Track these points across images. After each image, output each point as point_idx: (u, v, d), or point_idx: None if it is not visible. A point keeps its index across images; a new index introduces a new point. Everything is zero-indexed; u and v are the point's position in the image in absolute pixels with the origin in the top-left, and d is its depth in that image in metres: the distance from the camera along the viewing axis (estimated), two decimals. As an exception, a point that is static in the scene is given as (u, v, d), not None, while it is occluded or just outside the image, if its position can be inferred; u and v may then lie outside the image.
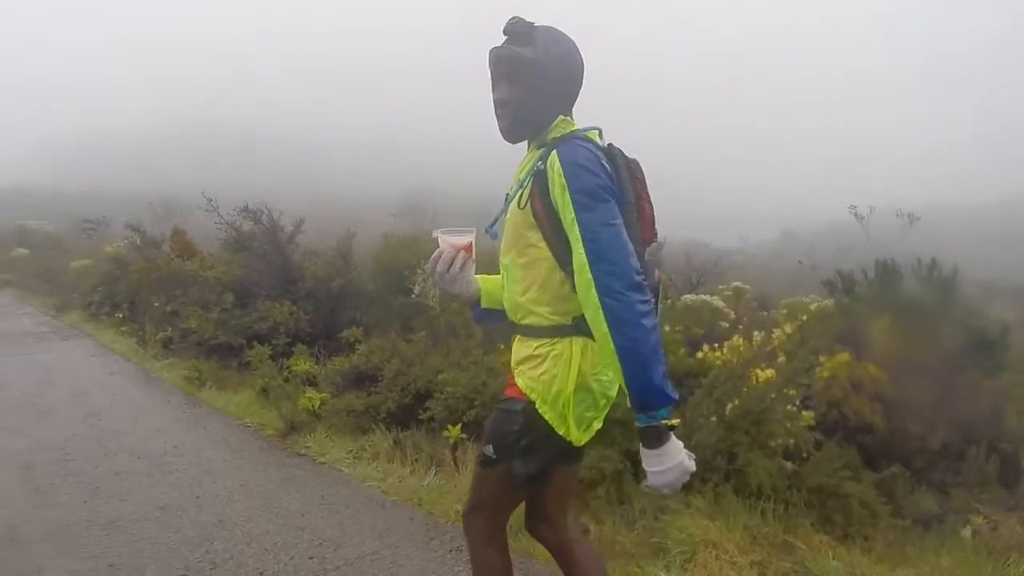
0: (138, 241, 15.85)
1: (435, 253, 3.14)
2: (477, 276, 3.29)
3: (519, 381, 3.03)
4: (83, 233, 23.94)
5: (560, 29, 3.02)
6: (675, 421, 2.70)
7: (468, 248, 3.13)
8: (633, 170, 2.98)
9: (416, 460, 7.07)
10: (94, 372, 11.23)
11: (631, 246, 2.74)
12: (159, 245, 15.55)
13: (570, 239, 2.79)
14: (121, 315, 14.40)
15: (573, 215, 2.74)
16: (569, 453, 3.11)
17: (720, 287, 12.27)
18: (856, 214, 33.28)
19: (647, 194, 3.04)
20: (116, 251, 17.27)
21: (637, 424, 2.70)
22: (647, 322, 2.65)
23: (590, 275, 2.69)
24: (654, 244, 3.09)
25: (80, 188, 59.31)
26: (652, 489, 2.75)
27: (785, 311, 9.97)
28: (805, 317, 9.06)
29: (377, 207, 39.18)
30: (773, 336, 8.06)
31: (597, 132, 3.03)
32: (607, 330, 2.66)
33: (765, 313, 10.65)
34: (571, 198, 2.75)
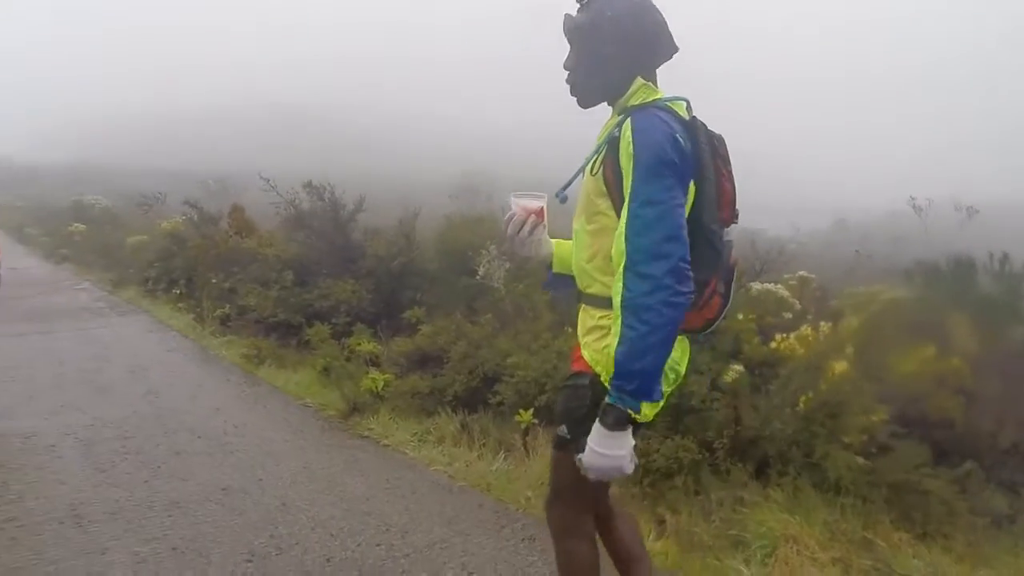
0: (195, 217, 15.73)
1: (507, 215, 3.13)
2: (553, 240, 3.27)
3: (585, 353, 2.94)
4: (139, 209, 23.85)
5: None
6: (639, 418, 2.66)
7: (540, 213, 3.11)
8: (716, 146, 2.89)
9: (484, 445, 6.87)
10: (151, 348, 11.12)
11: (681, 230, 2.64)
12: (216, 222, 15.44)
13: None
14: (178, 291, 14.28)
15: (631, 183, 2.66)
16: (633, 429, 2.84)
17: (785, 276, 11.94)
18: (915, 206, 32.50)
19: (729, 172, 2.94)
20: (173, 227, 17.17)
21: (607, 398, 2.64)
22: (668, 312, 2.57)
23: (623, 246, 2.65)
24: (734, 224, 3.00)
25: (135, 166, 59.50)
26: (583, 465, 2.70)
27: (851, 301, 9.67)
28: (874, 307, 8.76)
29: (432, 189, 39.00)
30: (840, 326, 7.82)
31: (684, 104, 2.89)
32: (620, 303, 2.63)
33: (830, 303, 10.36)
34: (633, 167, 2.66)
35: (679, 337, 2.81)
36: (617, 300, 2.63)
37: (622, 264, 2.64)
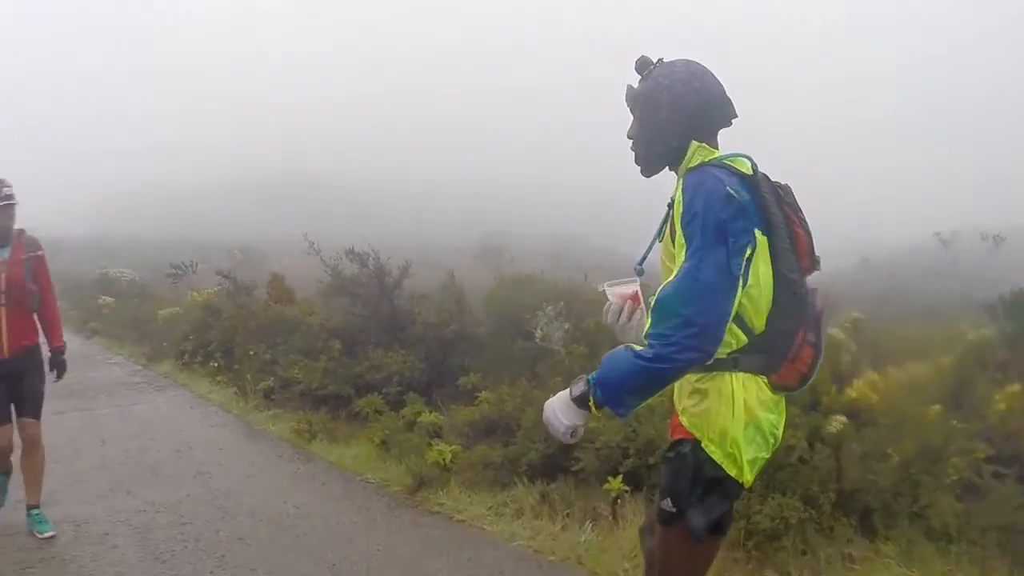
0: (229, 287, 15.47)
1: (605, 306, 3.15)
2: None
3: (683, 420, 2.93)
4: (168, 279, 23.69)
5: (689, 60, 3.03)
6: (596, 414, 2.85)
7: (635, 297, 3.13)
8: (782, 197, 2.94)
9: (568, 515, 6.47)
10: (195, 425, 10.77)
11: (721, 302, 2.69)
12: (251, 291, 15.17)
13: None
14: (216, 364, 13.94)
15: (685, 242, 2.73)
16: (740, 492, 3.01)
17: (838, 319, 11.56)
18: (941, 239, 32.13)
19: (800, 219, 2.97)
20: (207, 298, 16.94)
21: (589, 380, 2.82)
22: (676, 366, 2.66)
23: (668, 297, 2.72)
24: (815, 272, 3.03)
25: (156, 237, 59.60)
26: (544, 417, 2.98)
27: (911, 342, 9.32)
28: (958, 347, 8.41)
29: (453, 250, 38.83)
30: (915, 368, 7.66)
31: (745, 160, 2.94)
32: (652, 324, 2.73)
33: (884, 345, 9.97)
34: (689, 223, 2.73)
35: (776, 399, 2.94)
36: (641, 338, 2.79)
37: (655, 312, 2.74)
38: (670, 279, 2.75)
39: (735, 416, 2.81)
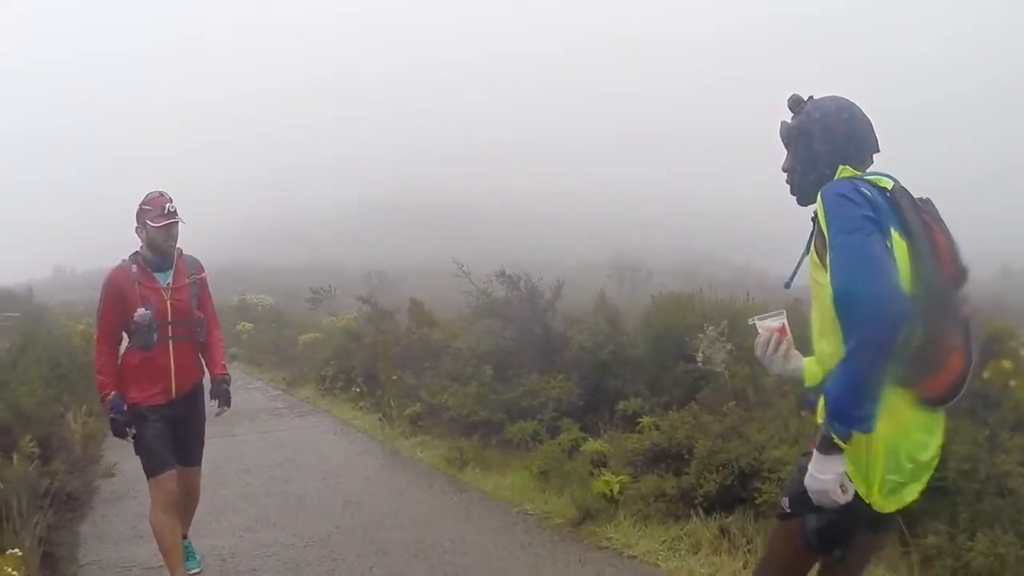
0: (370, 312, 15.26)
1: (757, 339, 3.25)
2: (805, 357, 3.22)
3: None
4: (306, 303, 23.83)
5: (837, 95, 3.15)
6: (843, 444, 2.64)
7: (782, 330, 3.23)
8: (921, 206, 2.93)
9: (749, 551, 5.92)
10: (339, 452, 10.45)
11: (887, 268, 2.65)
12: (392, 316, 14.92)
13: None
14: (358, 389, 13.72)
15: (829, 236, 2.77)
16: (874, 520, 2.84)
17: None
18: None
19: (942, 228, 2.92)
20: (347, 323, 16.82)
21: (822, 424, 2.70)
22: (882, 329, 2.57)
23: (839, 289, 2.70)
24: (963, 282, 2.93)
25: (291, 262, 60.66)
26: (808, 489, 2.74)
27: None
28: None
29: (587, 267, 38.40)
30: None
31: (888, 179, 2.98)
32: (846, 339, 2.67)
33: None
34: (829, 224, 2.78)
35: (922, 420, 2.83)
36: (844, 338, 2.71)
37: (840, 306, 2.71)
38: (833, 271, 2.76)
39: (871, 434, 2.69)
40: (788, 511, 2.94)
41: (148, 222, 5.40)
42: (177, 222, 5.47)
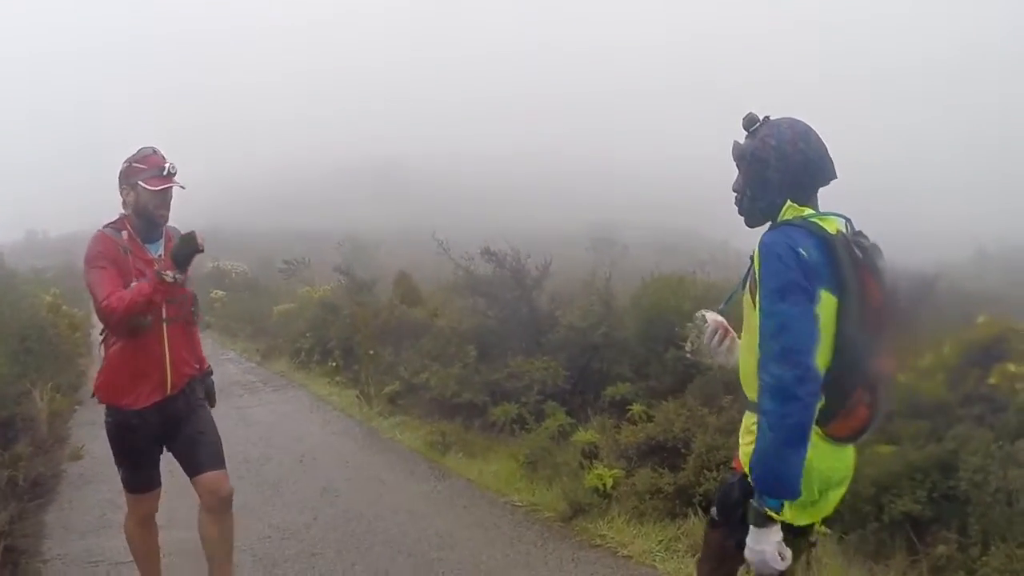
0: (347, 283, 14.95)
1: (708, 329, 3.46)
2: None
3: (740, 452, 3.16)
4: (280, 274, 23.51)
5: (795, 119, 3.13)
6: (779, 518, 2.81)
7: (727, 325, 3.47)
8: (860, 258, 2.97)
9: (752, 557, 5.61)
10: (316, 431, 10.15)
11: (799, 339, 2.78)
12: (371, 288, 14.60)
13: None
14: (334, 363, 13.43)
15: (759, 297, 2.88)
16: (792, 530, 2.98)
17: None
18: None
19: (876, 282, 3.00)
20: (323, 294, 16.50)
21: (756, 491, 2.84)
22: (788, 414, 2.73)
23: (762, 355, 2.84)
24: (894, 330, 3.14)
25: (267, 227, 60.23)
26: (748, 561, 2.88)
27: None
28: None
29: (563, 241, 38.07)
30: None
31: (838, 220, 3.07)
32: (759, 403, 2.84)
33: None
34: (762, 279, 2.88)
35: (830, 447, 2.98)
36: (757, 401, 2.89)
37: (759, 370, 2.86)
38: (754, 337, 2.93)
39: None
40: (716, 519, 3.27)
41: (140, 183, 4.37)
42: (172, 186, 4.50)
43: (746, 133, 3.18)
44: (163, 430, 4.66)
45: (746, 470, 3.00)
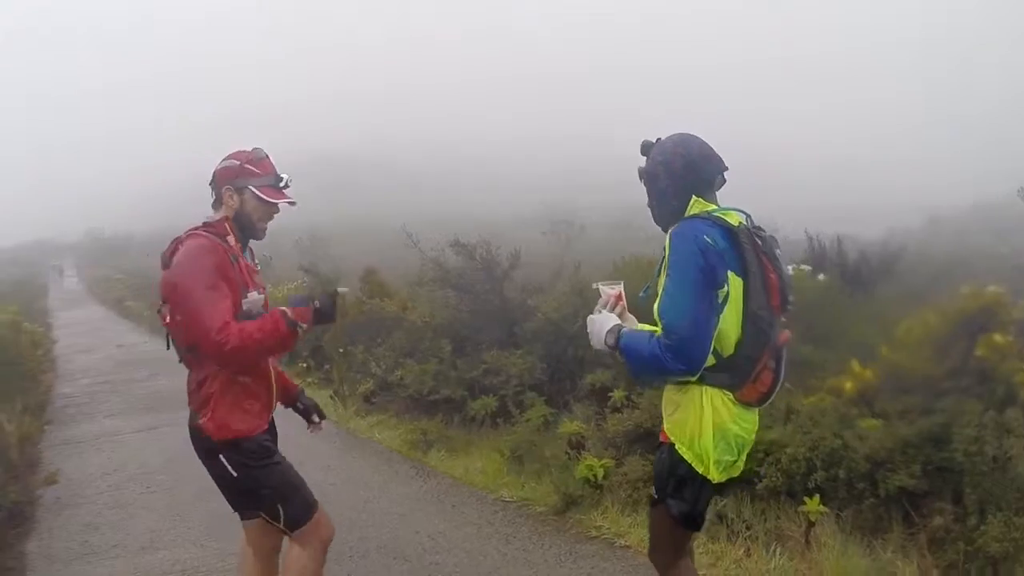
0: (311, 282, 14.82)
1: (600, 300, 3.79)
2: (639, 324, 3.75)
3: (665, 426, 3.58)
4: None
5: (680, 133, 3.61)
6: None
7: (619, 296, 3.77)
8: (760, 245, 3.44)
9: (749, 537, 5.69)
10: (292, 435, 9.73)
11: (701, 320, 3.25)
12: (336, 284, 14.46)
13: None
14: (304, 364, 13.26)
15: (668, 279, 3.34)
16: (718, 488, 3.60)
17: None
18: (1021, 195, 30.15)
19: (775, 267, 3.48)
20: (291, 293, 16.31)
21: (619, 336, 3.50)
22: (669, 370, 3.29)
23: (664, 324, 3.30)
24: (786, 311, 3.59)
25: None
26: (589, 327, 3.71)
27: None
28: None
29: (519, 223, 37.81)
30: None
31: (738, 214, 3.54)
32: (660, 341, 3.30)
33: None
34: (670, 264, 3.34)
35: (742, 412, 3.46)
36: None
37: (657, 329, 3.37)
38: (662, 302, 3.36)
39: (703, 424, 3.39)
40: (656, 499, 3.63)
41: (252, 189, 3.87)
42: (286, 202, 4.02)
43: (646, 158, 3.65)
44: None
45: (672, 439, 3.50)
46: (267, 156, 3.97)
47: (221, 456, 3.80)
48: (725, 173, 3.62)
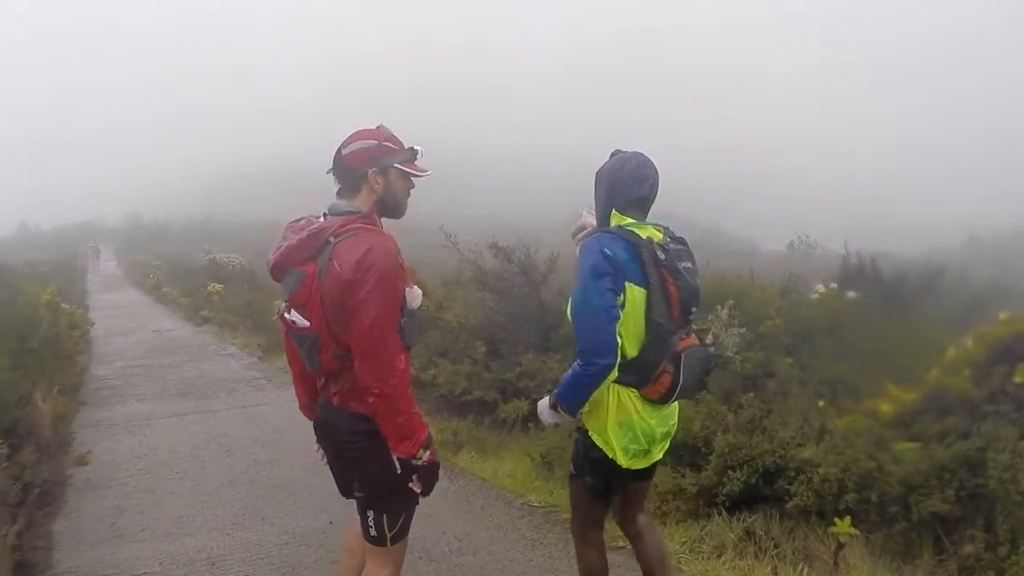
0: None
1: (577, 223, 4.23)
2: None
3: (582, 415, 3.88)
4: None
5: (634, 151, 3.96)
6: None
7: (590, 224, 4.11)
8: (662, 260, 3.71)
9: (777, 555, 5.61)
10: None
11: (599, 318, 3.57)
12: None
13: None
14: (337, 359, 13.22)
15: (576, 285, 3.70)
16: (633, 474, 3.95)
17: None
18: None
19: (675, 279, 3.74)
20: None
21: (555, 393, 3.89)
22: (588, 379, 3.65)
23: (575, 326, 3.71)
24: (688, 322, 3.93)
25: (261, 218, 59.95)
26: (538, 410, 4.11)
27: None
28: None
29: (550, 230, 37.60)
30: None
31: (651, 228, 3.87)
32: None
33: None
34: (578, 270, 3.70)
35: (649, 408, 3.83)
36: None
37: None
38: (571, 306, 3.76)
39: (608, 414, 3.78)
40: (574, 473, 4.08)
41: (399, 167, 3.59)
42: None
43: None
44: None
45: (585, 425, 3.89)
46: (392, 132, 3.65)
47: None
48: (655, 195, 3.96)
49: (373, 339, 3.31)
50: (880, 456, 5.77)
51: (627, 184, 3.86)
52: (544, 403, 3.99)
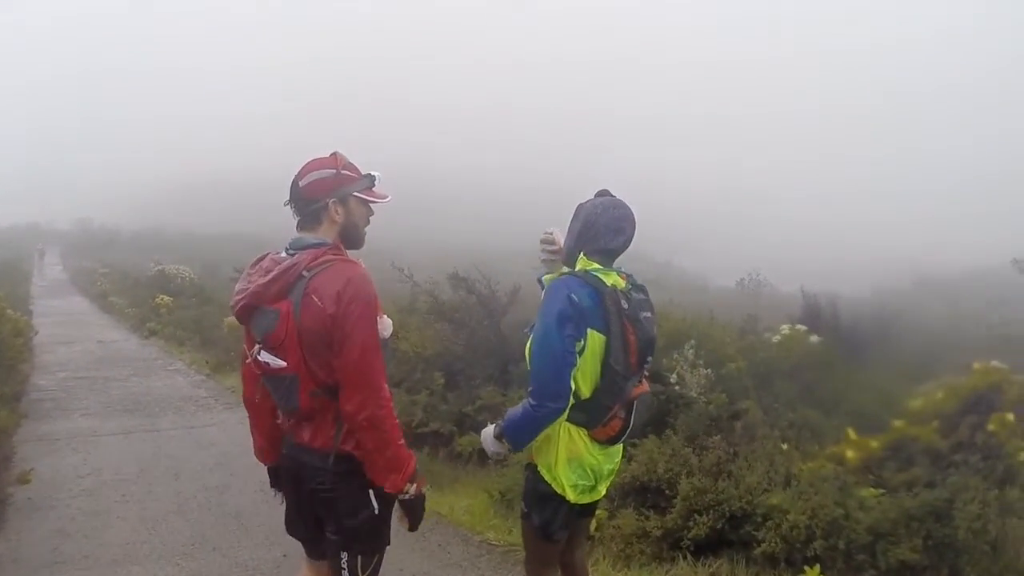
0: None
1: (544, 239, 4.29)
2: None
3: (532, 450, 3.93)
4: (231, 282, 23.11)
5: (616, 200, 3.97)
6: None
7: (558, 247, 4.19)
8: (624, 308, 3.76)
9: (744, 601, 5.51)
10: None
11: (557, 363, 3.62)
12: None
13: None
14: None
15: (537, 325, 3.76)
16: (578, 510, 3.99)
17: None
18: (1020, 267, 29.60)
19: (633, 328, 3.78)
20: (276, 310, 16.14)
21: (501, 424, 3.88)
22: (539, 419, 3.69)
23: (531, 367, 3.78)
24: (643, 369, 3.94)
25: (211, 230, 59.54)
26: (482, 439, 4.11)
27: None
28: None
29: (510, 256, 37.45)
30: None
31: (617, 275, 3.89)
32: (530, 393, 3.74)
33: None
34: (541, 310, 3.76)
35: (597, 448, 3.90)
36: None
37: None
38: (530, 345, 3.80)
39: (558, 451, 3.82)
40: (526, 511, 4.03)
41: (359, 195, 3.55)
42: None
43: None
44: None
45: (535, 461, 3.92)
46: (347, 157, 3.60)
47: (372, 489, 3.48)
48: (626, 248, 3.98)
49: (362, 369, 3.30)
50: (847, 503, 5.76)
51: (601, 233, 3.88)
52: (489, 432, 3.96)
